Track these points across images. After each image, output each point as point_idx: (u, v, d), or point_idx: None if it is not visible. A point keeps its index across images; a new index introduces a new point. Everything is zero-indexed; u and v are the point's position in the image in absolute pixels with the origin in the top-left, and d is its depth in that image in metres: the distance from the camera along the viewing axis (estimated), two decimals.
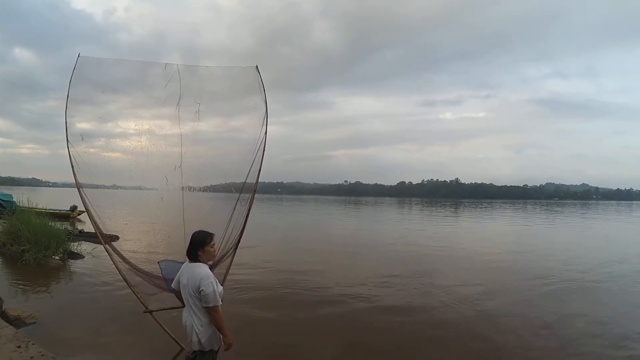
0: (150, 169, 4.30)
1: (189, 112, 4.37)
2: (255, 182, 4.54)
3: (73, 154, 4.02)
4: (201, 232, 3.11)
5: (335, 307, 6.69)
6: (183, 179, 4.34)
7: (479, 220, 30.62)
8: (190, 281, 2.93)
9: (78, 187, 4.12)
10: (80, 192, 4.18)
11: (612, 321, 6.26)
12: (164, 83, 4.25)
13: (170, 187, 4.30)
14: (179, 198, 4.39)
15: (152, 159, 4.28)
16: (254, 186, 4.56)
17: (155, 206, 4.49)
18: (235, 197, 4.59)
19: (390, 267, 10.41)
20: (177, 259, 3.93)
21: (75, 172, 4.04)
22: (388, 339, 5.38)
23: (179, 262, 3.90)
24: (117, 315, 5.64)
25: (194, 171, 4.41)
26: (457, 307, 6.81)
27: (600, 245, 15.99)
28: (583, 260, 11.64)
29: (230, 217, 4.48)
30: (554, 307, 6.95)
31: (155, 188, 4.44)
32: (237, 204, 4.52)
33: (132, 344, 4.88)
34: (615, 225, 27.48)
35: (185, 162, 4.33)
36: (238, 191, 4.61)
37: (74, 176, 4.05)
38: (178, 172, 4.30)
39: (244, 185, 4.60)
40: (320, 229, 22.12)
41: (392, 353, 4.97)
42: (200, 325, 2.95)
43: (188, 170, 4.34)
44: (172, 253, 4.26)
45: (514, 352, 5.07)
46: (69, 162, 4.04)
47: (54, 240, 9.28)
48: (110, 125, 4.86)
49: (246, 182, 4.57)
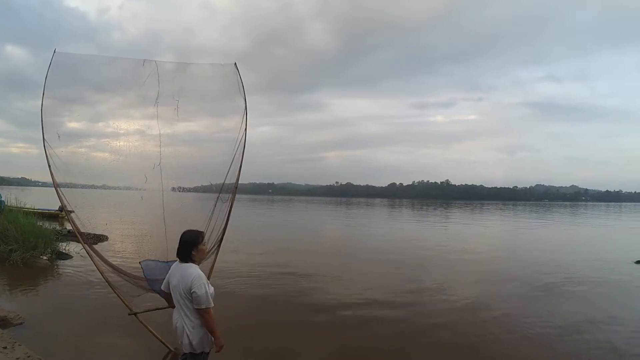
0: (131, 169, 4.26)
1: (173, 111, 4.32)
2: (235, 180, 4.45)
3: (51, 154, 3.92)
4: (192, 232, 3.06)
5: (327, 309, 6.66)
6: (163, 179, 4.25)
7: (468, 221, 30.96)
8: (182, 282, 2.88)
9: (55, 186, 4.03)
10: (57, 192, 4.09)
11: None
12: (152, 82, 4.19)
13: (153, 187, 4.23)
14: (160, 197, 4.32)
15: (134, 158, 4.23)
16: (234, 184, 4.46)
17: (137, 206, 4.43)
18: (216, 196, 4.53)
19: (381, 268, 10.47)
20: (158, 258, 3.89)
21: (52, 172, 3.95)
22: (381, 340, 5.38)
23: (161, 262, 3.86)
24: (105, 316, 5.57)
25: (175, 171, 4.35)
26: (450, 307, 6.86)
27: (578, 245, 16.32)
28: (562, 261, 11.94)
29: (210, 214, 4.39)
30: (546, 307, 7.04)
31: (143, 188, 4.36)
32: (218, 201, 4.45)
33: (120, 346, 4.82)
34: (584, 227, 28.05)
35: (166, 161, 4.26)
36: (218, 189, 4.54)
37: (51, 176, 3.96)
38: (163, 171, 4.23)
39: (224, 185, 4.52)
40: (312, 230, 22.12)
41: (385, 354, 4.97)
42: (192, 327, 2.90)
43: (169, 170, 4.28)
44: (153, 252, 4.20)
45: (504, 349, 5.12)
46: (46, 162, 3.94)
47: (42, 240, 9.15)
48: (101, 125, 4.83)
49: (227, 181, 4.48)
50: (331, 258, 12.05)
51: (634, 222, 33.15)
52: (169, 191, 4.54)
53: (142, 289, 4.22)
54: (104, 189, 4.91)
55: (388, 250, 13.75)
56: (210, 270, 4.36)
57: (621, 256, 12.75)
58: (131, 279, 4.30)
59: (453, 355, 5.03)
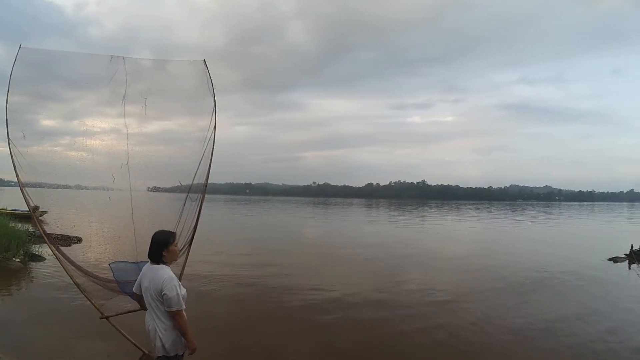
0: (106, 169, 4.17)
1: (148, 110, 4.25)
2: (205, 179, 4.37)
3: (16, 153, 3.78)
4: (163, 232, 3.01)
5: (309, 309, 6.70)
6: (134, 179, 4.15)
7: (446, 222, 31.63)
8: (153, 284, 2.83)
9: (21, 187, 3.88)
10: (23, 193, 3.95)
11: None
12: (128, 79, 4.10)
13: (126, 187, 4.14)
14: (128, 198, 4.23)
15: (109, 157, 4.15)
16: (204, 182, 4.38)
17: (109, 207, 4.34)
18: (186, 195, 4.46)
19: (361, 268, 10.58)
20: (127, 259, 3.83)
21: (17, 172, 3.81)
22: (363, 339, 5.45)
23: (131, 263, 3.79)
24: (80, 320, 5.45)
25: (146, 170, 4.25)
26: (431, 307, 6.96)
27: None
28: (537, 259, 12.26)
29: (180, 214, 4.31)
30: (523, 303, 7.29)
31: (118, 188, 4.27)
32: (187, 201, 4.37)
33: (95, 349, 4.73)
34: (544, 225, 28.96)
35: (137, 161, 4.17)
36: (187, 189, 4.46)
37: (16, 176, 3.82)
38: (134, 171, 4.15)
39: (192, 184, 4.44)
40: (291, 230, 22.18)
41: (368, 353, 5.04)
42: (164, 330, 2.86)
43: (140, 169, 4.18)
44: (122, 253, 4.12)
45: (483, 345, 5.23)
46: (11, 160, 3.79)
47: (15, 242, 8.93)
48: (76, 123, 4.69)
49: (195, 179, 4.40)
50: (311, 259, 12.07)
51: (605, 221, 34.11)
52: (145, 191, 4.45)
53: (112, 292, 4.13)
54: (78, 189, 4.78)
55: (367, 250, 13.88)
56: (182, 271, 4.30)
57: (595, 254, 13.10)
58: (101, 281, 4.20)
59: (435, 354, 5.10)
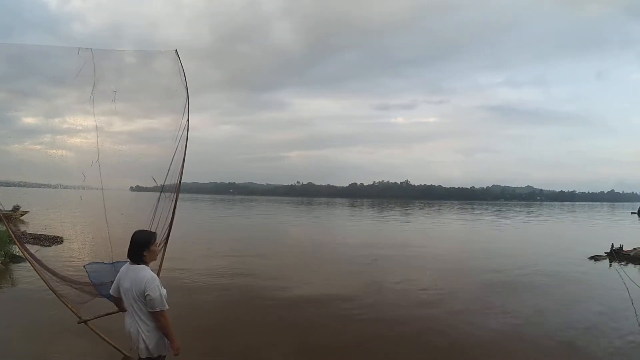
0: (86, 167, 4.03)
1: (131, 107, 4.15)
2: (179, 175, 4.25)
3: None
4: (143, 232, 2.95)
5: (291, 307, 6.69)
6: (109, 177, 4.06)
7: (428, 221, 32.02)
8: (135, 285, 2.75)
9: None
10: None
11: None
12: (109, 75, 3.99)
13: (109, 186, 4.04)
14: (110, 197, 4.14)
15: (89, 156, 4.02)
16: (178, 178, 4.26)
17: (88, 206, 4.21)
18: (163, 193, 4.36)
19: (343, 266, 10.61)
20: (102, 260, 3.73)
21: None
22: (344, 336, 5.46)
23: (106, 264, 3.70)
24: (61, 322, 5.23)
25: (114, 169, 4.14)
26: (411, 303, 7.07)
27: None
28: (520, 258, 12.53)
29: (154, 211, 4.21)
30: (507, 300, 7.41)
31: (98, 187, 4.14)
32: (161, 197, 4.28)
33: (76, 352, 4.62)
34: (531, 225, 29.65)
35: (106, 159, 4.05)
36: (161, 186, 4.37)
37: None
38: (112, 169, 4.05)
39: (165, 181, 4.33)
40: (275, 230, 22.14)
41: (348, 350, 5.04)
42: (147, 331, 2.79)
43: (117, 167, 4.10)
44: (97, 254, 4.03)
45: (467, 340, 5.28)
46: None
47: None
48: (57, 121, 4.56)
49: (170, 175, 4.28)
50: (294, 257, 12.06)
51: (586, 221, 34.93)
52: (127, 190, 4.35)
53: (89, 295, 4.01)
54: (61, 188, 4.63)
55: (350, 248, 13.94)
56: (159, 269, 4.20)
57: (577, 252, 13.39)
58: (77, 285, 4.07)
59: (416, 350, 5.14)
